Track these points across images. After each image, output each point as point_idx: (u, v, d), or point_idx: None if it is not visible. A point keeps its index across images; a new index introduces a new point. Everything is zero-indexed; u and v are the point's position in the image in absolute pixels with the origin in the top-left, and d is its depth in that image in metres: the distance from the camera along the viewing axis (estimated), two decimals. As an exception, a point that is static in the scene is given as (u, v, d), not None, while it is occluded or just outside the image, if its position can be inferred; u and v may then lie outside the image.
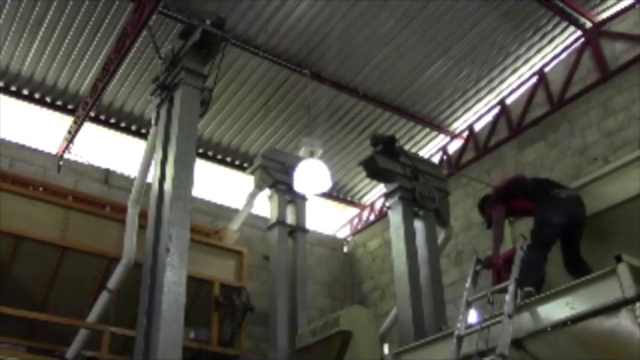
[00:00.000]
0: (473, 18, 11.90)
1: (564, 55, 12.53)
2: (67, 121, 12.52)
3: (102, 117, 13.04)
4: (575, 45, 12.34)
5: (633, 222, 5.99)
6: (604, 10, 11.92)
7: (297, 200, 10.95)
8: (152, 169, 7.97)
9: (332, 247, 16.31)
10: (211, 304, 9.37)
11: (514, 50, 12.65)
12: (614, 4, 11.76)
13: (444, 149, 14.74)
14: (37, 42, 11.35)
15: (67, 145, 12.38)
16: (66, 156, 12.61)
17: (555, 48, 12.62)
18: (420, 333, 7.94)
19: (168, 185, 7.19)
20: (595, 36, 11.96)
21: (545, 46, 12.60)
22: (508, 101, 13.46)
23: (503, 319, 5.27)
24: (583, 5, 11.80)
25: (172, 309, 6.39)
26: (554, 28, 12.29)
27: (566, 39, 12.46)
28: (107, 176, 13.07)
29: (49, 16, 10.94)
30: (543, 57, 12.78)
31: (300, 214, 10.91)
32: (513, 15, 11.90)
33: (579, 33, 12.24)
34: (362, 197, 16.31)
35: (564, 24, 12.18)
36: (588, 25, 12.05)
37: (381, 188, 13.04)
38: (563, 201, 6.36)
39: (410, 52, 12.51)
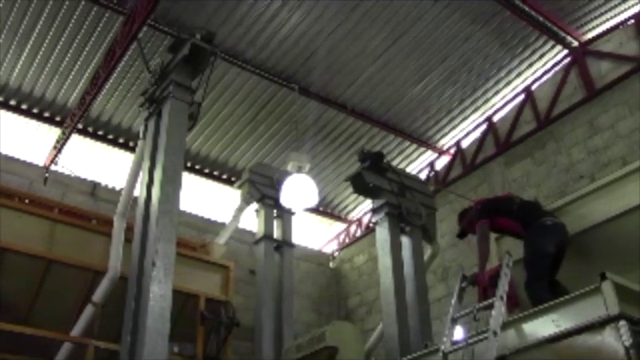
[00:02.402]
0: (461, 35, 12.00)
1: (551, 73, 12.65)
2: (55, 132, 12.46)
3: (90, 129, 13.00)
4: (562, 63, 12.47)
5: (618, 240, 6.03)
6: (590, 30, 12.05)
7: (284, 215, 10.95)
8: (139, 182, 7.95)
9: (318, 262, 16.29)
10: (197, 318, 9.27)
11: (502, 68, 12.76)
12: (601, 23, 11.90)
13: (431, 165, 14.79)
14: (25, 53, 11.33)
15: (54, 157, 12.31)
16: (53, 168, 12.55)
17: (544, 65, 12.75)
18: (405, 349, 7.93)
19: (155, 198, 7.16)
20: (581, 55, 12.10)
21: (534, 62, 12.73)
22: (495, 118, 13.56)
23: (488, 335, 5.27)
24: (570, 24, 11.94)
25: (157, 323, 6.34)
26: (542, 46, 12.42)
27: (553, 57, 12.59)
28: (94, 189, 13.02)
29: (38, 28, 10.93)
30: (532, 74, 12.91)
31: (287, 228, 10.90)
32: (501, 33, 12.02)
33: (566, 52, 12.38)
34: (349, 213, 16.32)
35: (551, 43, 12.31)
36: (575, 44, 12.19)
37: (368, 204, 13.05)
38: (552, 228, 6.39)
39: (398, 68, 12.59)
